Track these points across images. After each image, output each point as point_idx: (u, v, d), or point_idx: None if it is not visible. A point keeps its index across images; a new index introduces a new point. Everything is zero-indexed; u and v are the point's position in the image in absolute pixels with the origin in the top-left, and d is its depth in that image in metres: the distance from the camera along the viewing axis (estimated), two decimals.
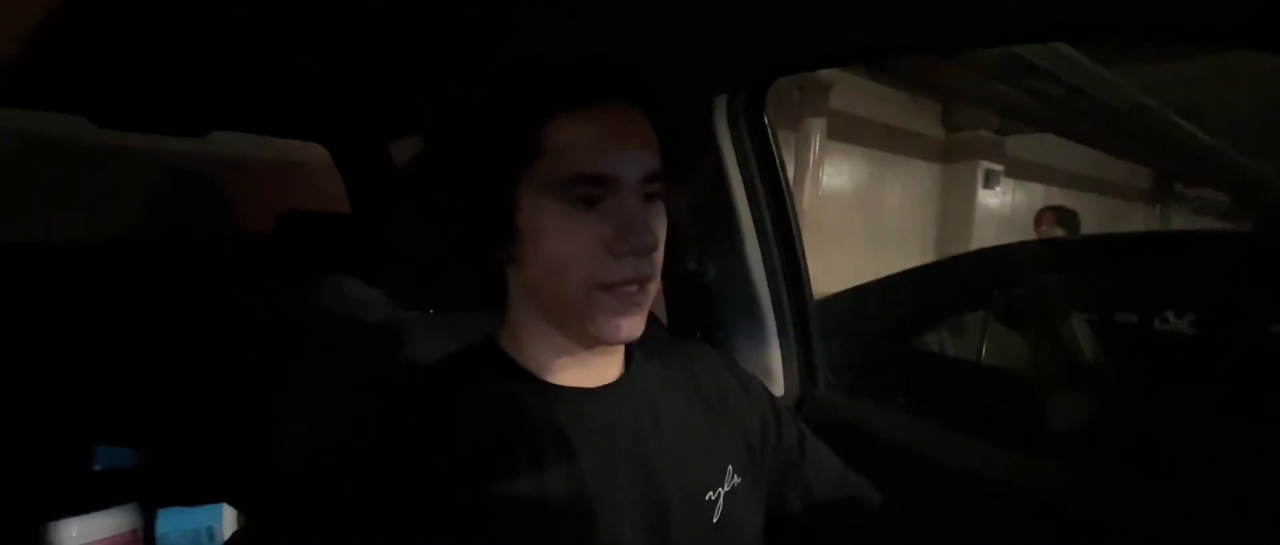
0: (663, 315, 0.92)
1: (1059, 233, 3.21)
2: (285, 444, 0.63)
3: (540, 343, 0.51)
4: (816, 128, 4.51)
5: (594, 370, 0.52)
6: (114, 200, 1.73)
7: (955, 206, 6.12)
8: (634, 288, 0.47)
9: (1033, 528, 0.84)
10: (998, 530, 0.79)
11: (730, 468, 0.55)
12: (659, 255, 0.49)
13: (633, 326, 0.48)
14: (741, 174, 0.81)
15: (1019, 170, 6.51)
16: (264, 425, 0.68)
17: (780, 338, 0.86)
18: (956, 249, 5.07)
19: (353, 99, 1.29)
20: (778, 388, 0.89)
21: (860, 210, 5.43)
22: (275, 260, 1.45)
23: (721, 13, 0.63)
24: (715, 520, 0.52)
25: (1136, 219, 8.35)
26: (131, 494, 0.97)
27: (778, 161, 0.82)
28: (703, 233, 0.84)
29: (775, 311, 0.85)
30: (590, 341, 0.50)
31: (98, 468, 0.98)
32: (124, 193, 1.76)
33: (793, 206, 0.85)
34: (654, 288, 0.49)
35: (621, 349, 0.55)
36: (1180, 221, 8.38)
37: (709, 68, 0.74)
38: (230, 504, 0.93)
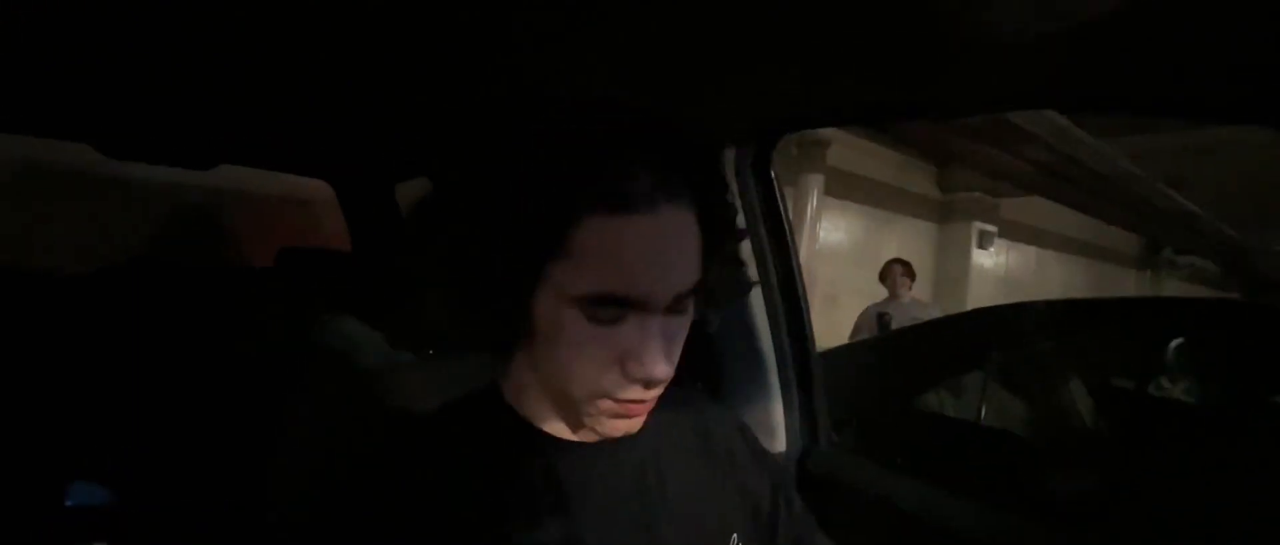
0: None
1: (908, 282, 3.30)
2: (276, 487, 0.60)
3: (544, 404, 0.49)
4: (814, 184, 4.60)
5: (600, 435, 0.50)
6: (116, 229, 1.73)
7: (950, 265, 6.19)
8: (639, 403, 0.44)
9: None
10: None
11: (735, 536, 0.53)
12: (672, 369, 0.44)
13: (630, 428, 0.46)
14: (748, 226, 0.81)
15: (1013, 232, 6.62)
16: (251, 466, 0.65)
17: (783, 392, 0.85)
18: (952, 307, 5.09)
19: (360, 137, 1.31)
20: (780, 443, 0.87)
21: (857, 266, 5.48)
22: (274, 296, 1.44)
23: (734, 67, 0.65)
24: None
25: (1128, 284, 8.44)
26: (102, 533, 0.93)
27: (783, 214, 0.83)
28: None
29: (779, 365, 0.84)
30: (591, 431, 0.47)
31: (69, 504, 0.94)
32: (127, 222, 1.76)
33: (797, 260, 0.85)
34: (659, 392, 0.45)
35: None
36: (1171, 287, 8.46)
37: (719, 120, 0.75)
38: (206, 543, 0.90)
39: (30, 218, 1.64)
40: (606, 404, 0.44)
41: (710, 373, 0.87)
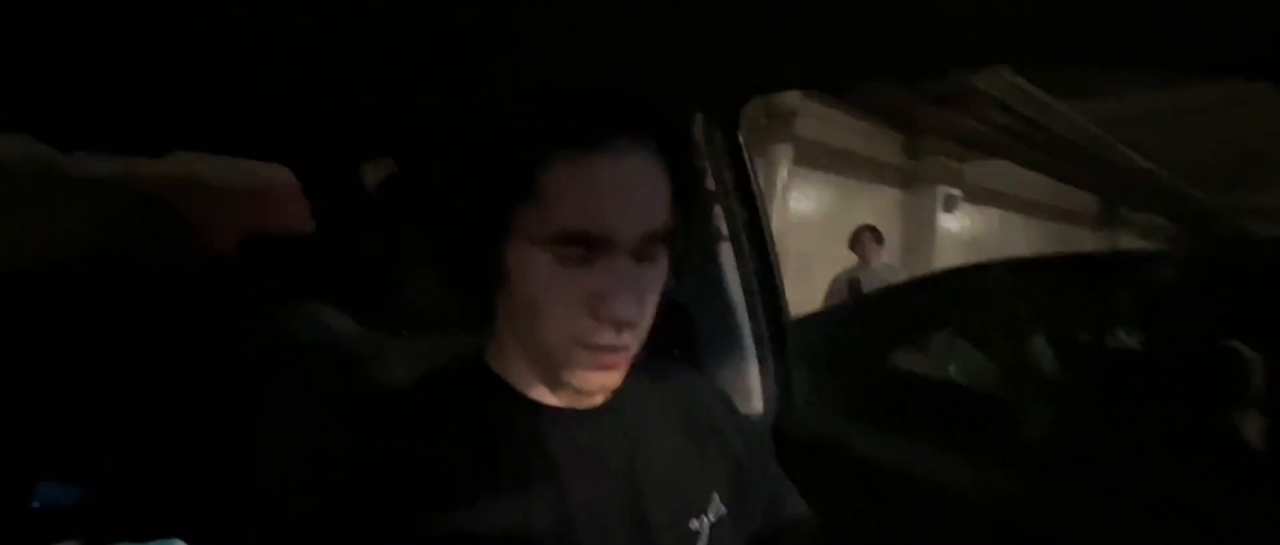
0: None
1: (877, 248, 3.42)
2: (256, 476, 0.60)
3: (525, 367, 0.50)
4: (784, 154, 4.62)
5: (580, 394, 0.51)
6: (63, 224, 1.66)
7: (917, 230, 6.31)
8: (613, 351, 0.45)
9: (998, 539, 0.85)
10: (964, 540, 0.80)
11: (716, 497, 0.54)
12: (645, 320, 0.46)
13: (607, 382, 0.47)
14: (718, 194, 0.81)
15: (977, 196, 6.76)
16: (226, 457, 0.64)
17: (758, 357, 0.87)
18: (920, 270, 5.20)
19: (320, 119, 1.27)
20: (755, 406, 0.89)
21: (828, 235, 5.54)
22: (238, 287, 1.40)
23: (698, 34, 0.65)
24: None
25: (1086, 241, 8.72)
26: (73, 533, 0.91)
27: (753, 181, 0.83)
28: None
29: (753, 331, 0.86)
30: (569, 388, 0.49)
31: (36, 505, 0.92)
32: (74, 216, 1.68)
33: (769, 227, 0.86)
34: (636, 346, 0.47)
35: None
36: (1126, 244, 8.77)
37: (685, 88, 0.75)
38: (184, 540, 0.88)
39: None
40: (580, 353, 0.45)
41: (687, 342, 0.88)
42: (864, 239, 3.44)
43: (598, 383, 0.46)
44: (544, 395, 0.50)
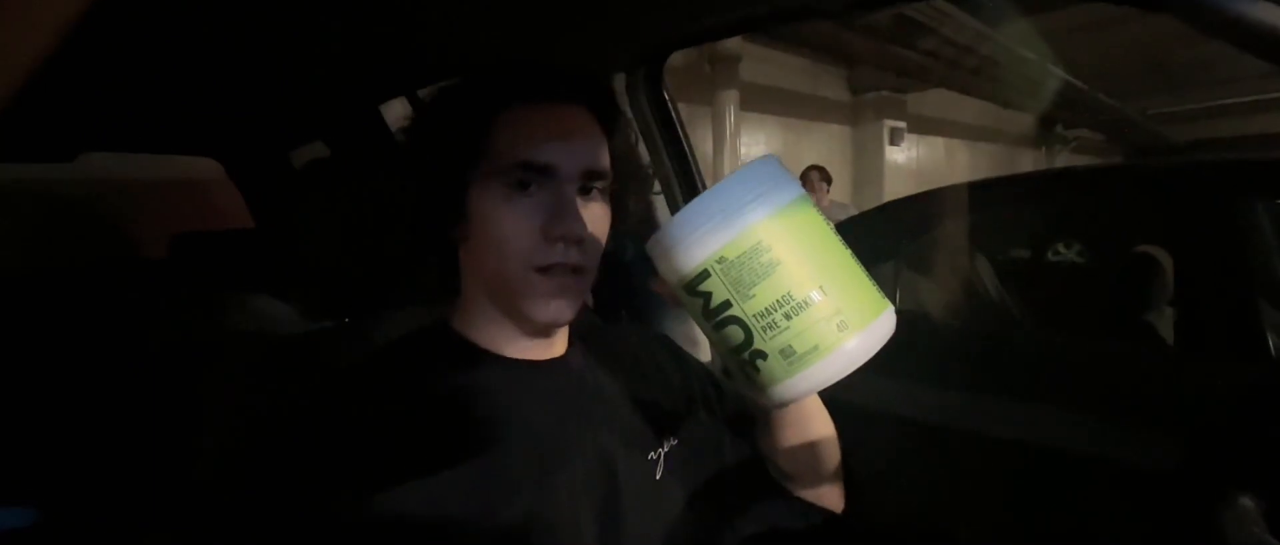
0: (589, 298, 0.93)
1: (825, 187, 3.53)
2: (208, 472, 0.60)
3: (490, 321, 0.54)
4: (730, 99, 4.60)
5: (541, 347, 0.56)
6: None
7: (866, 165, 6.43)
8: (567, 273, 0.50)
9: (943, 453, 0.91)
10: (908, 461, 0.85)
11: (667, 430, 0.59)
12: (591, 246, 0.52)
13: (562, 310, 0.52)
14: (647, 149, 0.82)
15: (921, 126, 6.89)
16: (178, 466, 0.64)
17: None
18: (871, 204, 5.33)
19: (244, 109, 1.21)
20: (704, 355, 0.92)
21: None
22: (173, 286, 1.35)
23: None
24: (657, 477, 0.56)
25: (1026, 162, 9.04)
26: None
27: (681, 134, 0.84)
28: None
29: None
30: (533, 325, 0.53)
31: None
32: None
33: (701, 177, 0.87)
34: (588, 278, 0.52)
35: (566, 330, 0.58)
36: (1063, 161, 9.13)
37: (603, 48, 0.74)
38: None
39: None
40: (538, 280, 0.50)
41: (631, 300, 0.90)
42: (812, 178, 3.51)
43: (555, 310, 0.51)
44: (508, 350, 0.54)
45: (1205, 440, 0.79)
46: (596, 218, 0.52)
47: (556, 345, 0.57)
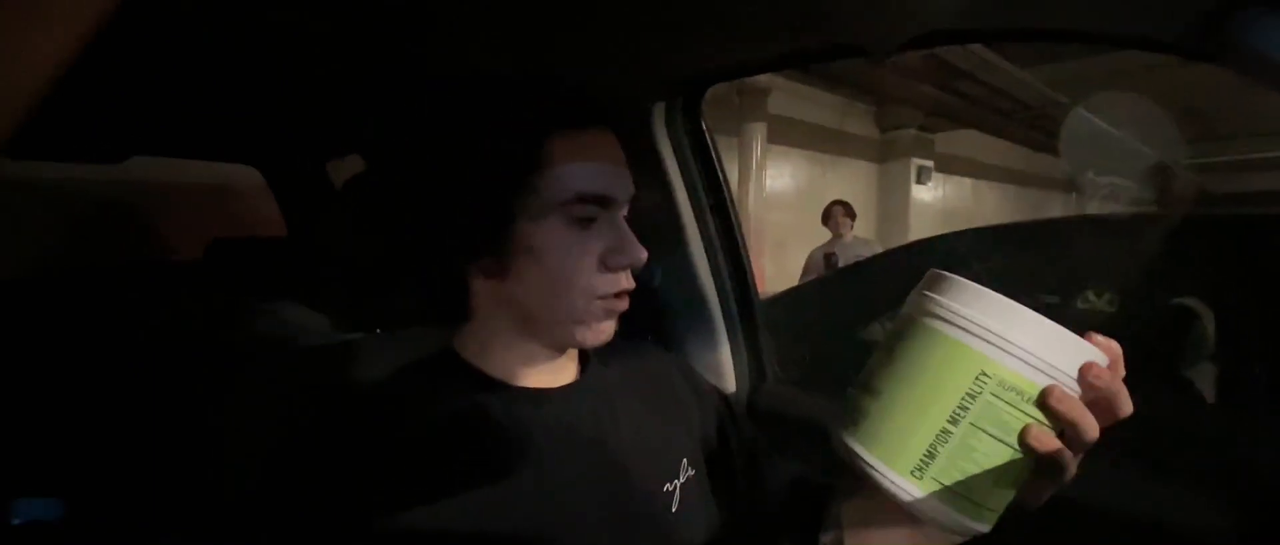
0: None
1: (849, 222, 3.49)
2: (231, 481, 0.60)
3: (506, 350, 0.52)
4: (757, 132, 4.63)
5: (553, 373, 0.54)
6: (25, 236, 1.61)
7: (892, 202, 6.39)
8: (621, 299, 0.51)
9: None
10: None
11: (685, 461, 0.57)
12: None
13: (608, 333, 0.52)
14: (682, 178, 0.83)
15: (949, 165, 6.85)
16: (204, 464, 0.64)
17: (728, 336, 0.89)
18: (896, 242, 5.28)
19: (285, 119, 1.25)
20: (728, 384, 0.91)
21: (803, 211, 5.59)
22: (209, 290, 1.38)
23: (657, 21, 0.65)
24: (674, 510, 0.54)
25: (1055, 207, 8.90)
26: None
27: (717, 164, 0.85)
28: (648, 237, 0.85)
29: (722, 311, 0.87)
30: (561, 348, 0.53)
31: (16, 522, 0.91)
32: (35, 228, 1.64)
33: (734, 207, 0.87)
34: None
35: (574, 353, 0.56)
36: (1095, 207, 8.98)
37: (645, 76, 0.75)
38: None
39: None
40: (597, 306, 0.50)
41: (657, 324, 0.89)
42: (836, 214, 3.49)
43: (604, 334, 0.51)
44: (517, 378, 0.52)
45: (1249, 503, 0.76)
46: None
47: (567, 371, 0.55)
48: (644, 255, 0.50)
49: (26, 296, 1.22)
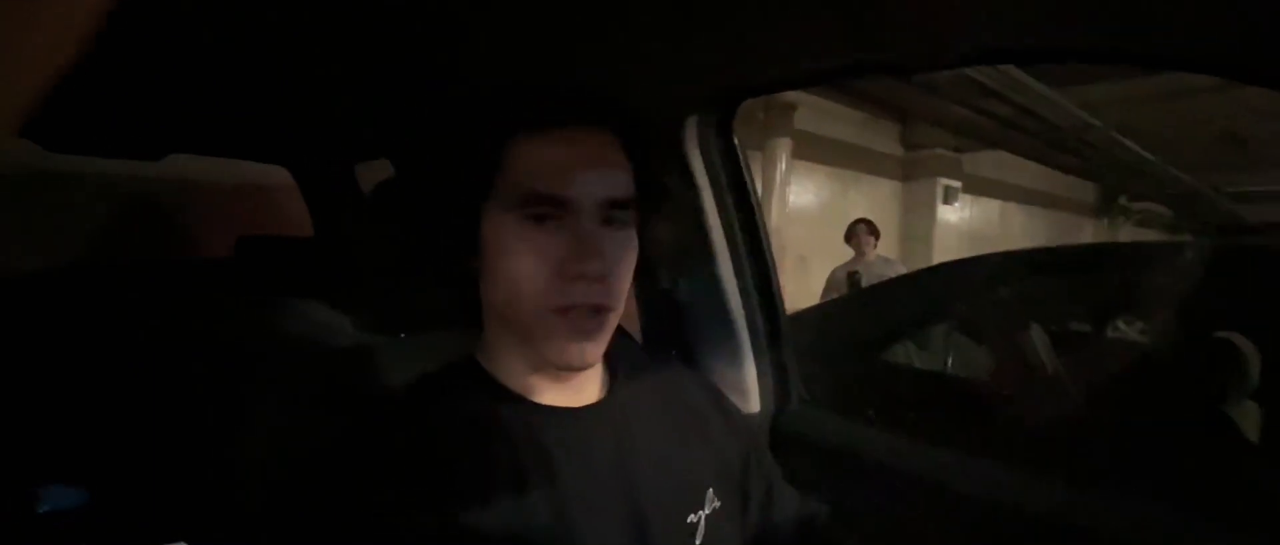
0: (637, 334, 0.92)
1: (872, 241, 3.43)
2: (251, 477, 0.60)
3: (514, 360, 0.51)
4: (782, 147, 4.61)
5: (572, 390, 0.52)
6: (63, 228, 1.66)
7: (916, 222, 6.30)
8: (587, 315, 0.46)
9: (997, 532, 0.86)
10: (964, 537, 0.80)
11: (711, 491, 0.54)
12: (618, 283, 0.48)
13: (585, 354, 0.48)
14: (712, 193, 0.82)
15: (976, 186, 6.75)
16: (225, 459, 0.65)
17: (754, 354, 0.87)
18: (919, 263, 5.20)
19: (316, 121, 1.27)
20: (752, 404, 0.89)
21: (826, 227, 5.53)
22: (235, 286, 1.41)
23: (690, 35, 0.65)
24: (698, 542, 0.52)
25: (1086, 232, 8.72)
26: (80, 537, 0.91)
27: (747, 179, 0.84)
28: (675, 251, 0.85)
29: (749, 328, 0.86)
30: (553, 365, 0.49)
31: (43, 510, 0.92)
32: (74, 220, 1.69)
33: (763, 224, 0.86)
34: (613, 317, 0.49)
35: (599, 370, 0.54)
36: (1127, 234, 8.77)
37: (678, 89, 0.75)
38: (188, 544, 0.89)
39: None
40: (557, 322, 0.47)
41: (683, 341, 0.88)
42: (859, 232, 3.45)
43: (577, 354, 0.47)
44: (536, 393, 0.51)
45: None
46: (620, 250, 0.48)
47: (589, 390, 0.53)
48: (599, 264, 0.46)
49: (60, 287, 1.24)
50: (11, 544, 0.89)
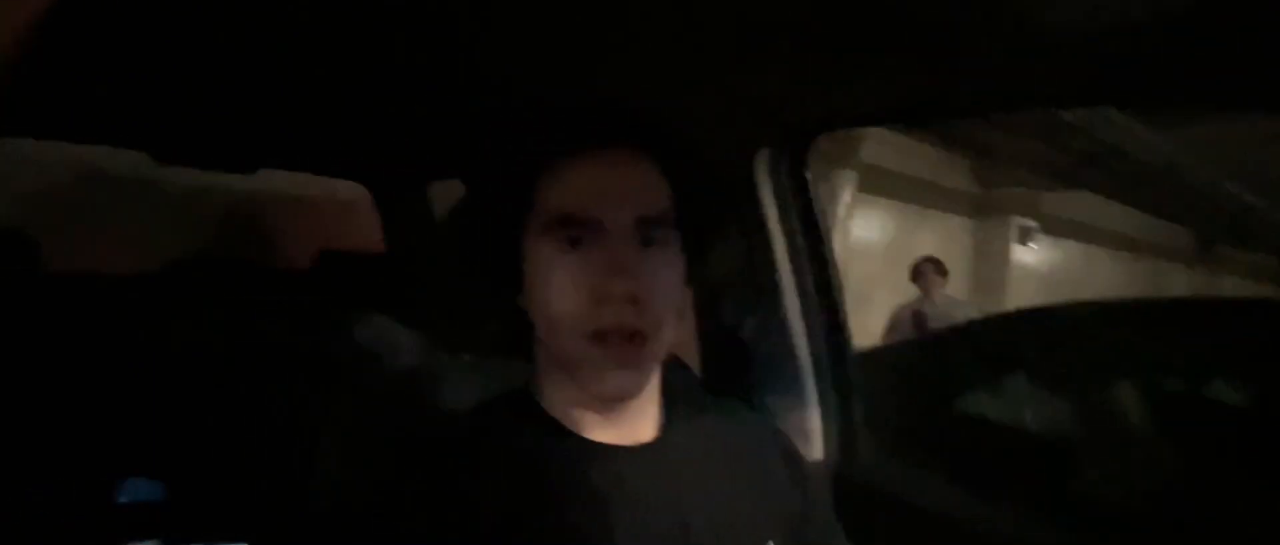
0: (697, 370, 0.90)
1: (940, 280, 3.20)
2: (311, 486, 0.62)
3: (563, 393, 0.50)
4: (848, 180, 4.52)
5: (626, 428, 0.50)
6: (164, 234, 1.79)
7: (988, 262, 6.02)
8: (623, 340, 0.45)
9: None
10: None
11: (770, 543, 0.52)
12: (655, 306, 0.46)
13: (623, 383, 0.46)
14: (782, 228, 0.80)
15: (1056, 227, 6.39)
16: (289, 464, 0.67)
17: (820, 398, 0.83)
18: (991, 306, 4.94)
19: (392, 138, 1.33)
20: (815, 450, 0.85)
21: (890, 264, 5.36)
22: (313, 298, 1.47)
23: (764, 68, 0.64)
24: None
25: (1180, 281, 8.08)
26: (156, 528, 0.96)
27: (819, 217, 0.81)
28: (739, 287, 0.82)
29: (815, 370, 0.83)
30: (595, 397, 0.48)
31: (123, 500, 0.98)
32: (174, 226, 1.82)
33: (834, 263, 0.83)
34: (652, 345, 0.46)
35: (654, 407, 0.52)
36: (1227, 286, 8.08)
37: (752, 122, 0.74)
38: (251, 544, 0.92)
39: (88, 221, 1.72)
40: (593, 351, 0.45)
41: (745, 381, 0.85)
42: (926, 271, 3.30)
43: (614, 383, 0.46)
44: (586, 428, 0.49)
45: None
46: (657, 271, 0.46)
47: (644, 428, 0.51)
48: (631, 284, 0.44)
49: (154, 288, 1.34)
50: (93, 529, 0.94)
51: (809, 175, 0.79)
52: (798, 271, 0.80)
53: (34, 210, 1.67)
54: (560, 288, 0.45)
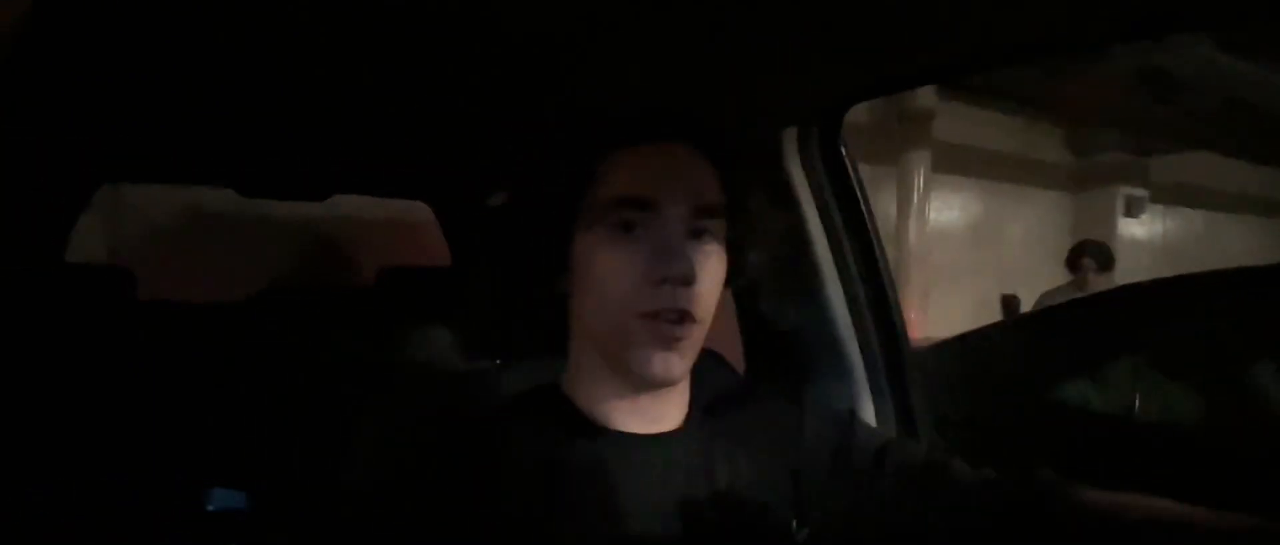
0: (739, 363, 0.86)
1: (1100, 276, 2.81)
2: (343, 479, 0.64)
3: (595, 383, 0.51)
4: (919, 161, 4.28)
5: (651, 416, 0.51)
6: (248, 262, 1.95)
7: (1094, 239, 5.51)
8: (673, 322, 0.46)
9: None
10: None
11: (794, 523, 0.51)
12: (704, 292, 0.48)
13: (669, 365, 0.47)
14: (817, 210, 0.75)
15: (1168, 194, 5.77)
16: (329, 475, 0.69)
17: (872, 391, 0.77)
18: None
19: (450, 156, 1.37)
20: None
21: (977, 248, 5.02)
22: (377, 314, 1.55)
23: (783, 42, 0.60)
24: None
25: None
26: (241, 535, 1.03)
27: (860, 195, 0.76)
28: (776, 275, 0.78)
29: (865, 361, 0.77)
30: (639, 382, 0.49)
31: (211, 508, 1.05)
32: (257, 254, 1.98)
33: (880, 244, 0.77)
34: (698, 329, 0.48)
35: (683, 397, 0.53)
36: None
37: (773, 99, 0.70)
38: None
39: (186, 254, 1.90)
40: (643, 330, 0.46)
41: (788, 371, 0.81)
42: (1084, 264, 2.94)
43: (660, 365, 0.47)
44: (615, 419, 0.51)
45: None
46: (709, 261, 0.48)
47: (670, 416, 0.52)
48: (686, 266, 0.46)
49: (239, 314, 1.45)
50: (185, 534, 1.02)
51: (844, 151, 0.74)
52: (838, 257, 0.75)
53: (134, 247, 1.87)
54: (616, 269, 0.47)
